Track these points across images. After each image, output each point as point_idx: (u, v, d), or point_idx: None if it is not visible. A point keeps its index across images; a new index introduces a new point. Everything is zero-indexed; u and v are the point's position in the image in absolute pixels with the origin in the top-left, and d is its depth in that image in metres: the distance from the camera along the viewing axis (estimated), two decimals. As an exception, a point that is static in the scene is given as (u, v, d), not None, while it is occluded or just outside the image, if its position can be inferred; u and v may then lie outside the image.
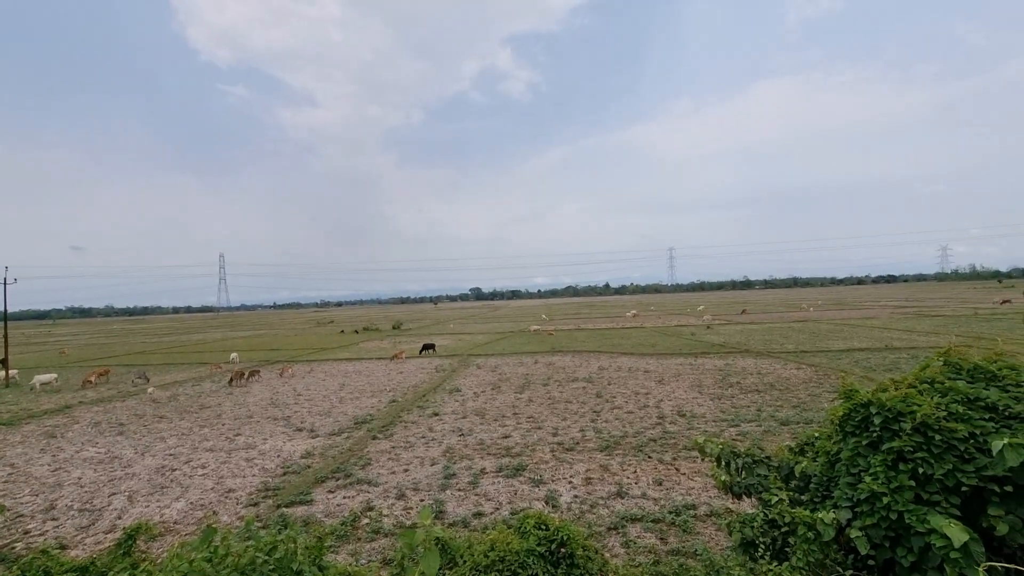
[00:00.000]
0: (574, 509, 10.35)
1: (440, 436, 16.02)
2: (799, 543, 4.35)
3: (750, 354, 31.31)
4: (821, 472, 5.14)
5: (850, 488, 4.58)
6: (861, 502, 4.40)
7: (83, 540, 10.02)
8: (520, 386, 23.78)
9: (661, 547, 8.69)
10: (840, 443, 5.00)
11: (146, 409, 22.32)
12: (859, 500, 4.42)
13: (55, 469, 14.51)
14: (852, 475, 4.66)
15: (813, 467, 5.34)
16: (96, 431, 18.76)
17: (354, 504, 11.01)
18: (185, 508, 11.33)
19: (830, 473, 5.03)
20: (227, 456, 14.96)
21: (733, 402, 18.85)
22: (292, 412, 20.46)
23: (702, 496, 10.73)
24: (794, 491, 5.38)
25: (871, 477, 4.40)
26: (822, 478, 5.10)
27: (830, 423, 5.35)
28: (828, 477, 5.03)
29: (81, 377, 31.53)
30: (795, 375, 23.64)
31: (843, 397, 5.12)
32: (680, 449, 13.79)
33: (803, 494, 5.28)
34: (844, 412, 5.00)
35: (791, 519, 4.54)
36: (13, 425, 20.27)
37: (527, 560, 5.01)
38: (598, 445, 14.43)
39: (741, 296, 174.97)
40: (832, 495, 4.82)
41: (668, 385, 22.60)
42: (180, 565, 3.56)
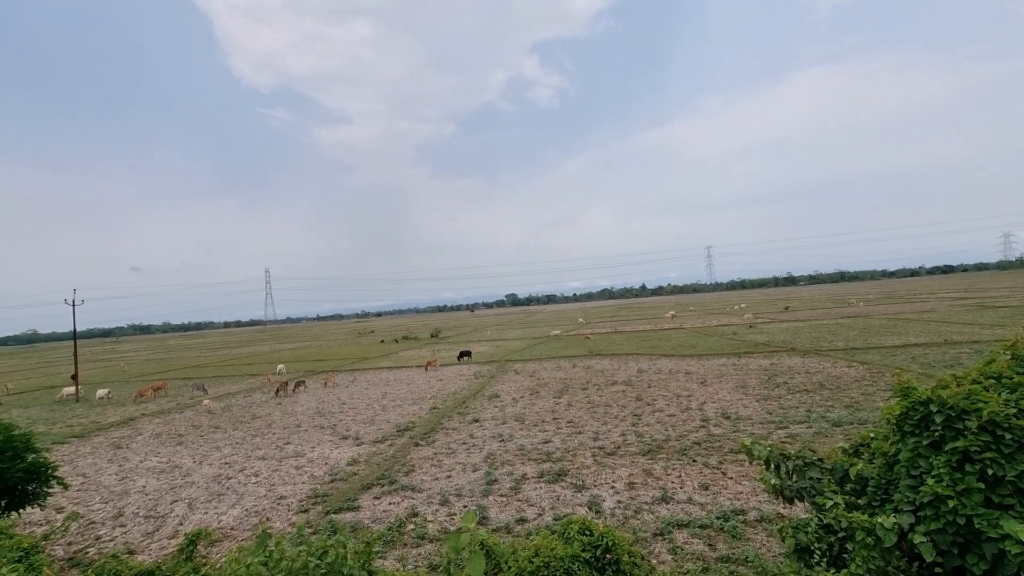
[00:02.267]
0: (618, 515, 10.21)
1: (481, 442, 16.12)
2: (858, 549, 4.16)
3: (796, 353, 30.13)
4: (879, 474, 4.90)
5: (911, 491, 4.35)
6: (924, 505, 4.18)
7: (149, 545, 10.58)
8: (559, 391, 23.67)
9: (710, 554, 8.46)
10: (898, 443, 4.76)
11: (202, 420, 23.42)
12: (922, 503, 4.19)
13: (122, 478, 15.40)
14: (913, 477, 4.43)
15: (870, 469, 5.09)
16: (158, 442, 19.82)
17: (399, 510, 11.21)
18: (240, 514, 11.81)
19: (888, 475, 4.79)
20: (278, 464, 15.51)
21: (780, 403, 18.18)
22: (338, 420, 21.03)
23: (751, 501, 10.39)
24: (850, 495, 5.15)
25: (934, 479, 4.17)
26: (880, 480, 4.86)
27: (886, 423, 5.10)
28: (887, 479, 4.80)
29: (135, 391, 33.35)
30: (846, 373, 22.59)
31: (900, 395, 4.88)
32: (726, 452, 13.40)
33: (860, 498, 5.04)
34: (901, 411, 4.76)
35: (848, 524, 4.35)
36: (84, 437, 21.66)
37: (572, 566, 4.99)
38: (640, 449, 14.19)
39: (784, 293, 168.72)
40: (892, 498, 4.59)
41: (711, 387, 22.01)
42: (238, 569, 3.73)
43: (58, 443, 20.37)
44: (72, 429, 23.55)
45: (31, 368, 74.47)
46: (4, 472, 9.92)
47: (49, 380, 49.80)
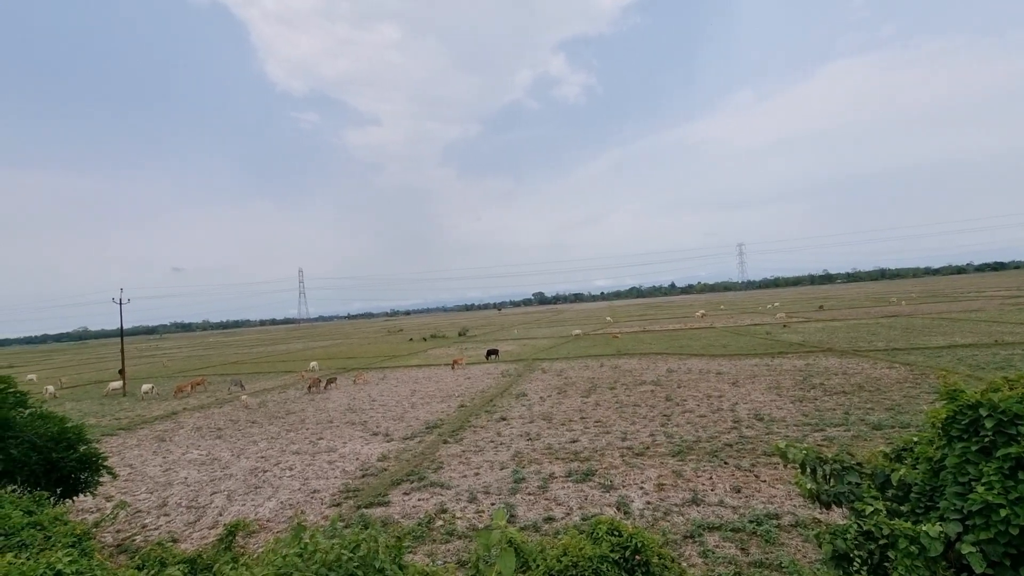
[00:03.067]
0: (647, 516, 10.09)
1: (508, 440, 16.18)
2: (900, 558, 4.00)
3: (833, 353, 29.14)
4: (923, 480, 4.70)
5: (959, 498, 4.16)
6: (973, 514, 3.99)
7: (190, 534, 11.03)
8: (586, 390, 23.53)
9: (742, 558, 8.28)
10: (944, 449, 4.56)
11: (240, 415, 24.24)
12: (971, 512, 4.01)
13: (165, 469, 16.08)
14: (961, 484, 4.23)
15: (913, 475, 4.89)
16: (198, 435, 20.62)
17: (428, 506, 11.36)
18: (276, 507, 12.18)
19: (934, 482, 4.59)
20: (311, 459, 15.92)
21: (816, 405, 17.63)
22: (368, 417, 21.44)
23: (785, 505, 10.12)
24: (891, 501, 4.96)
25: (984, 487, 3.98)
26: (924, 487, 4.66)
27: (931, 427, 4.89)
28: (931, 486, 4.59)
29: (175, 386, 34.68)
30: (887, 375, 21.73)
31: (946, 398, 4.66)
32: (759, 455, 13.08)
33: (903, 504, 4.85)
34: (948, 414, 4.56)
35: (891, 531, 4.19)
36: (130, 429, 22.71)
37: (601, 567, 4.96)
38: (669, 450, 13.99)
39: (821, 291, 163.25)
40: (937, 506, 4.40)
41: (743, 387, 21.50)
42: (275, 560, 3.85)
43: (107, 435, 21.40)
44: (119, 422, 24.71)
45: (82, 364, 78.47)
46: (59, 462, 10.50)
47: (98, 375, 52.38)
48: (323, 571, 3.62)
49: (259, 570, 3.68)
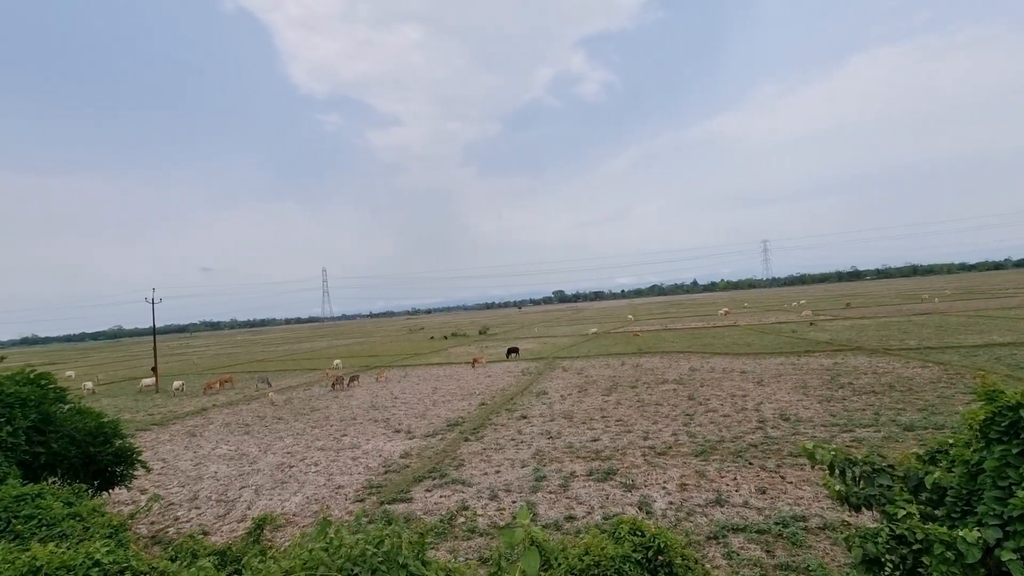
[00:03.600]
0: (669, 516, 9.99)
1: (529, 439, 16.19)
2: (935, 564, 3.88)
3: (863, 352, 28.35)
4: (959, 484, 4.54)
5: (998, 503, 4.01)
6: (1014, 520, 3.84)
7: (220, 527, 11.34)
8: (607, 388, 23.39)
9: (768, 560, 8.13)
10: (982, 451, 4.40)
11: (266, 411, 24.80)
12: (1011, 518, 3.86)
13: (196, 464, 16.56)
14: (1000, 488, 4.08)
15: (948, 478, 4.73)
16: (227, 431, 21.17)
17: (450, 503, 11.45)
18: (302, 502, 12.43)
19: (971, 485, 4.43)
20: (336, 455, 16.20)
21: (845, 405, 17.19)
22: (390, 415, 21.71)
23: (812, 507, 9.90)
24: (925, 505, 4.81)
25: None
26: (960, 491, 4.50)
27: (968, 428, 4.72)
28: (968, 490, 4.44)
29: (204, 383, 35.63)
30: (919, 374, 21.05)
31: (984, 399, 4.50)
32: (784, 456, 12.83)
33: (937, 508, 4.70)
34: (986, 416, 4.39)
35: (925, 536, 4.07)
36: (163, 425, 23.45)
37: (623, 567, 4.93)
38: (692, 450, 13.82)
39: (849, 288, 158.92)
40: (975, 510, 4.25)
41: (768, 387, 21.09)
42: (301, 554, 3.93)
43: (141, 430, 22.13)
44: (152, 417, 25.53)
45: (117, 361, 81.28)
46: (96, 455, 10.91)
47: (132, 372, 54.18)
48: (348, 566, 3.68)
49: (286, 563, 3.76)
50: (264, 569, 3.78)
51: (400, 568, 3.75)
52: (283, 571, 3.67)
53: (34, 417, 9.82)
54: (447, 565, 4.87)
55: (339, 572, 3.55)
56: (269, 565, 3.81)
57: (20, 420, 9.40)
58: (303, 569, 3.64)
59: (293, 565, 3.70)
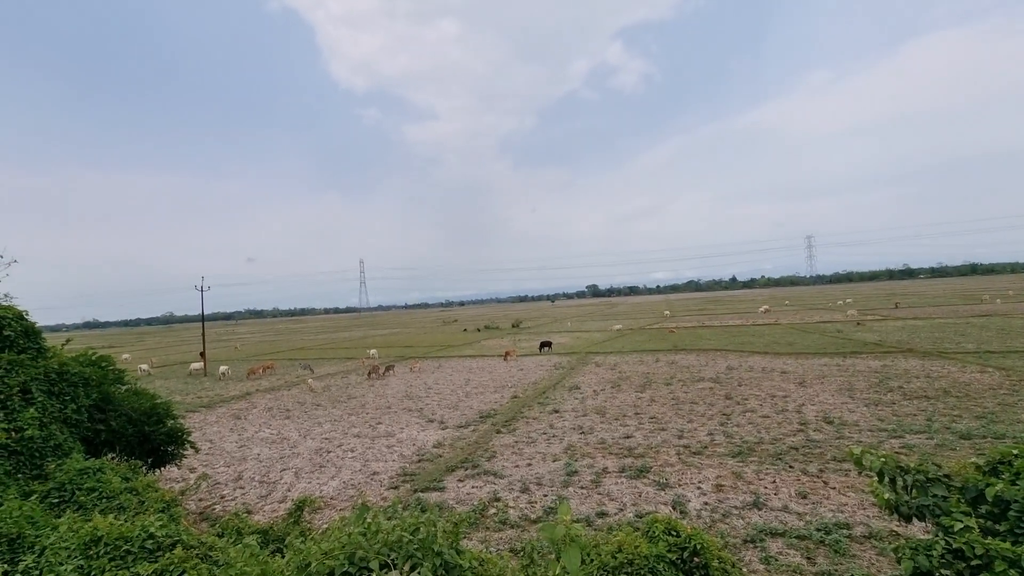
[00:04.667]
0: (704, 517, 9.79)
1: (561, 433, 16.16)
2: (995, 581, 3.65)
3: (915, 354, 26.91)
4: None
5: (1068, 520, 3.74)
6: (1085, 539, 3.57)
7: (262, 507, 11.82)
8: (641, 385, 23.06)
9: (808, 567, 7.87)
10: (1051, 465, 4.10)
11: (306, 398, 25.65)
12: (1082, 536, 3.59)
13: (240, 446, 17.30)
14: (1071, 505, 3.80)
15: (1012, 491, 4.44)
16: (269, 415, 22.02)
17: (482, 494, 11.57)
18: (339, 486, 12.82)
19: (1037, 500, 4.15)
20: (371, 442, 16.61)
21: (894, 409, 16.39)
22: (424, 404, 22.08)
23: (857, 514, 9.50)
24: (985, 518, 4.53)
25: (1100, 509, 3.55)
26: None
27: (1036, 440, 4.41)
28: (1034, 505, 4.15)
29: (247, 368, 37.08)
30: (977, 380, 19.83)
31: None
32: (828, 460, 12.35)
33: (998, 523, 4.42)
34: (1057, 427, 4.09)
35: (985, 551, 3.83)
36: (210, 407, 24.60)
37: (657, 566, 4.86)
38: (729, 450, 13.47)
39: (900, 287, 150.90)
40: (1041, 527, 3.97)
41: (810, 388, 20.33)
42: (340, 537, 4.04)
43: (190, 411, 23.28)
44: (201, 400, 26.83)
45: (169, 346, 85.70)
46: (150, 435, 11.54)
47: (183, 356, 56.99)
48: (385, 551, 3.76)
49: (326, 545, 3.88)
50: (305, 550, 3.91)
51: (435, 556, 3.81)
52: (323, 552, 3.78)
53: (95, 396, 10.44)
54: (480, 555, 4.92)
55: (376, 556, 3.63)
56: (309, 546, 3.94)
57: (83, 399, 10.01)
58: (342, 552, 3.74)
59: (332, 547, 3.81)
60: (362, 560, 3.62)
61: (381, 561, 3.60)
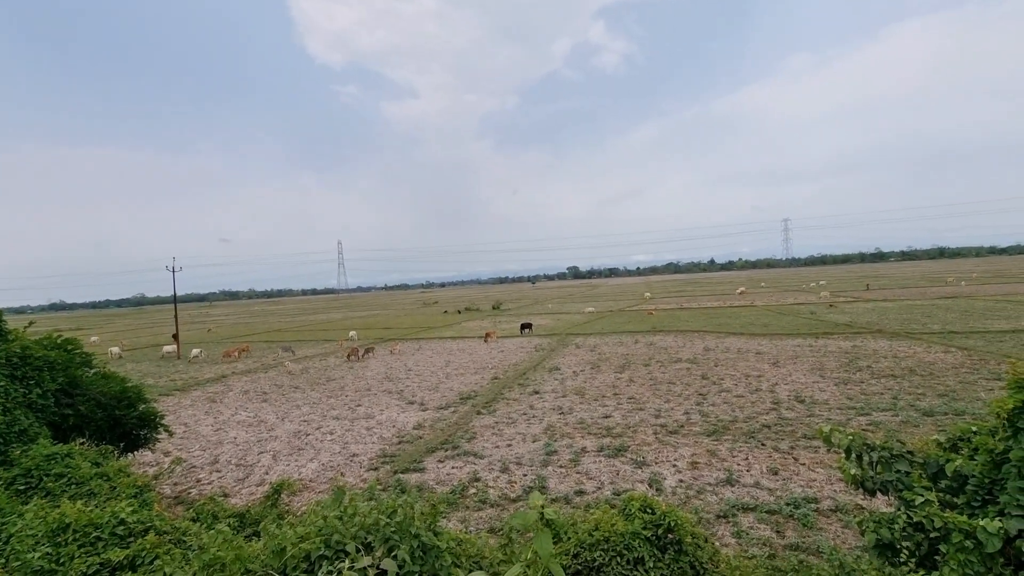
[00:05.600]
0: (679, 494, 10.05)
1: (541, 414, 16.32)
2: (953, 552, 3.82)
3: (883, 335, 27.82)
4: (981, 473, 4.43)
5: (1023, 494, 3.91)
6: (1037, 511, 3.74)
7: (240, 490, 11.71)
8: (620, 366, 23.39)
9: (777, 540, 8.15)
10: (1009, 441, 4.27)
11: (284, 380, 25.35)
12: (1034, 508, 3.76)
13: (216, 429, 17.06)
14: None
15: (970, 467, 4.62)
16: (246, 398, 21.72)
17: (462, 474, 11.66)
18: (318, 468, 12.77)
19: (994, 475, 4.32)
20: (350, 424, 16.54)
21: (862, 388, 16.96)
22: (404, 386, 22.03)
23: (825, 489, 9.86)
24: (945, 492, 4.72)
25: (1052, 483, 3.72)
26: (983, 480, 4.40)
27: (995, 417, 4.58)
28: (991, 479, 4.33)
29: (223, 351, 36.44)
30: (941, 359, 20.62)
31: (1013, 387, 4.35)
32: (798, 437, 12.75)
33: (956, 496, 4.60)
34: (1016, 405, 4.25)
35: (943, 524, 4.00)
36: (184, 391, 24.14)
37: (632, 543, 4.96)
38: (704, 429, 13.81)
39: (871, 270, 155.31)
40: (997, 500, 4.15)
41: (783, 368, 20.89)
42: (316, 520, 4.01)
43: (163, 395, 22.83)
44: (174, 383, 26.29)
45: (140, 328, 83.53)
46: (121, 418, 11.28)
47: (155, 339, 55.66)
48: (361, 534, 3.74)
49: (301, 530, 3.84)
50: (280, 534, 3.86)
51: (412, 538, 3.80)
52: (298, 537, 3.75)
53: (62, 380, 10.13)
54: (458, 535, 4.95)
55: (352, 540, 3.61)
56: (285, 530, 3.89)
57: (48, 383, 9.71)
58: (318, 536, 3.71)
59: (308, 531, 3.78)
60: (338, 544, 3.59)
61: (358, 544, 3.58)
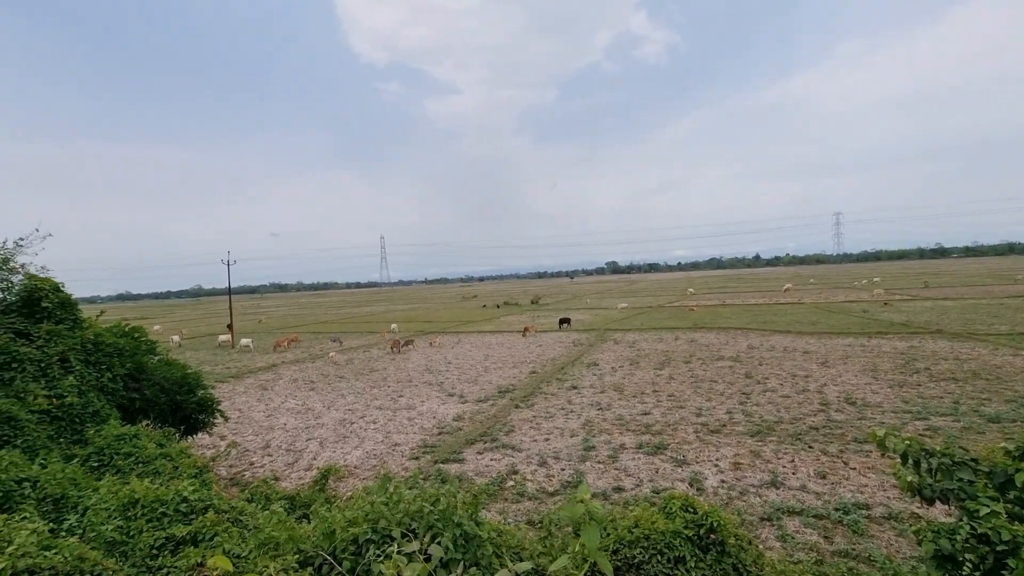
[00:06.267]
0: (721, 494, 9.84)
1: (579, 409, 16.28)
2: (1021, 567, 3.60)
3: (943, 335, 26.18)
4: (1055, 485, 4.15)
5: (1101, 509, 3.64)
6: (1119, 528, 3.48)
7: (289, 474, 12.27)
8: (660, 363, 23.00)
9: (825, 546, 7.88)
10: (1087, 452, 3.98)
11: (330, 370, 26.29)
12: (1115, 525, 3.49)
13: (268, 415, 17.89)
14: (1105, 493, 3.69)
15: (1042, 478, 4.33)
16: (295, 386, 22.66)
17: (500, 466, 11.80)
18: (362, 456, 13.21)
19: (1069, 487, 4.04)
20: (392, 414, 17.01)
21: (920, 391, 16.06)
22: (444, 379, 22.43)
23: (877, 495, 9.44)
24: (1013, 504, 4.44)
25: None
26: (1057, 492, 4.12)
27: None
28: (1066, 492, 4.05)
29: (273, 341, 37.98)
30: (1009, 363, 19.24)
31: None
32: (848, 441, 12.22)
33: (1026, 509, 4.33)
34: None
35: (1012, 537, 3.77)
36: (238, 378, 25.42)
37: (673, 541, 4.91)
38: (748, 429, 13.43)
39: (931, 266, 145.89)
40: (1072, 514, 3.88)
41: (833, 368, 20.01)
42: (364, 505, 4.17)
43: (219, 381, 24.09)
44: (229, 370, 27.71)
45: (198, 318, 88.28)
46: (182, 403, 12.00)
47: (211, 328, 58.70)
48: (406, 520, 3.87)
49: (350, 513, 4.01)
50: (330, 517, 4.04)
51: (455, 527, 3.90)
52: (347, 520, 3.91)
53: (129, 366, 10.86)
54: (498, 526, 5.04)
55: (398, 526, 3.75)
56: (334, 514, 4.07)
57: (118, 368, 10.43)
58: (365, 520, 3.86)
59: (356, 516, 3.94)
60: (384, 529, 3.73)
61: (403, 531, 3.71)
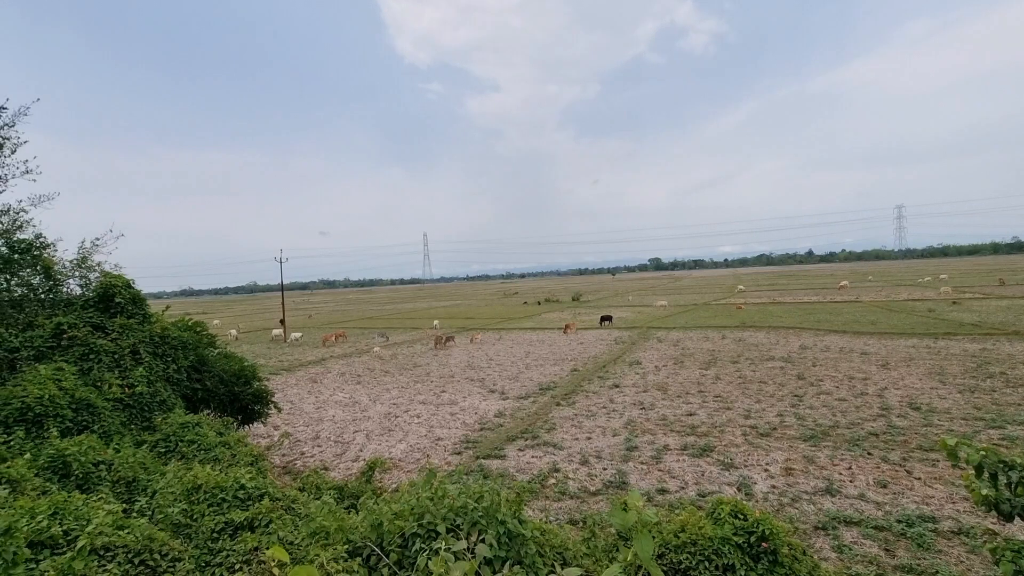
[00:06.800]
0: (771, 500, 9.47)
1: (621, 408, 16.06)
2: (1114, 593, 3.29)
3: (1021, 337, 24.16)
4: None
5: None
6: None
7: (337, 465, 12.71)
8: (705, 362, 22.36)
9: (886, 559, 7.45)
10: None
11: (375, 365, 27.05)
12: None
13: (317, 407, 18.60)
14: None
15: None
16: (342, 380, 23.45)
17: (541, 464, 11.80)
18: (406, 449, 13.53)
19: None
20: (435, 409, 17.32)
21: (994, 397, 14.90)
22: (486, 375, 22.64)
23: (945, 508, 8.83)
24: (1106, 524, 4.06)
25: None
26: None
27: None
28: None
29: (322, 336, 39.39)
30: (1104, 368, 17.55)
31: None
32: (912, 448, 11.50)
33: (1122, 530, 3.94)
34: None
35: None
36: (290, 371, 26.55)
37: (722, 548, 4.76)
38: (800, 433, 12.86)
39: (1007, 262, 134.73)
40: None
41: (894, 371, 18.86)
42: (410, 499, 4.27)
43: (272, 374, 25.23)
44: (282, 363, 28.98)
45: (253, 313, 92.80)
46: (239, 394, 12.65)
47: (264, 323, 61.58)
48: (451, 516, 3.93)
49: (396, 507, 4.11)
50: (377, 510, 4.16)
51: (499, 524, 3.93)
52: (394, 513, 4.02)
53: (192, 358, 11.55)
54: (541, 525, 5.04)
55: (443, 521, 3.81)
56: (382, 507, 4.19)
57: (182, 360, 11.11)
58: (411, 514, 3.95)
59: (402, 510, 4.03)
60: (430, 524, 3.80)
61: (447, 526, 3.77)
